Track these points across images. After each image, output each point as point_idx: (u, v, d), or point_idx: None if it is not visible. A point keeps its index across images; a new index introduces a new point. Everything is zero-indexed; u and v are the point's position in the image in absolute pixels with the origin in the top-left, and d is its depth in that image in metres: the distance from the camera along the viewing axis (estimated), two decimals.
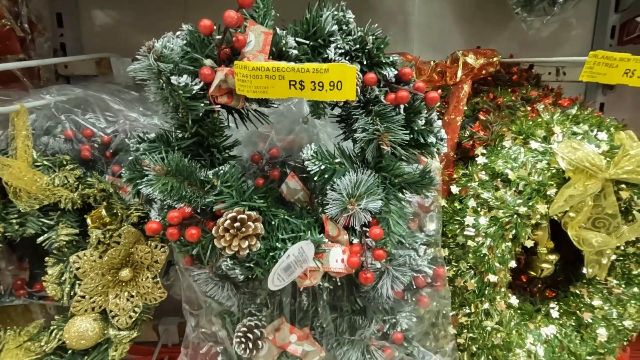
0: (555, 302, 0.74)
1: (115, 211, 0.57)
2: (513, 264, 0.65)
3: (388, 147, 0.45)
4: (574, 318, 0.71)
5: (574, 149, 0.54)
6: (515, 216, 0.55)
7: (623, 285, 0.70)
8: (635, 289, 0.69)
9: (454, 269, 0.58)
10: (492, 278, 0.56)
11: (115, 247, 0.56)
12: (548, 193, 0.55)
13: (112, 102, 0.66)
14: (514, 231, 0.55)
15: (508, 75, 0.84)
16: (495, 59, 0.79)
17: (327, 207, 0.45)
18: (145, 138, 0.48)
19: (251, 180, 0.55)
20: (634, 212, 0.62)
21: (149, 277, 0.57)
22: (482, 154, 0.59)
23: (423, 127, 0.48)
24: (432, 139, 0.48)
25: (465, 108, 0.69)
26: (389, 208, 0.47)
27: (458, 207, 0.58)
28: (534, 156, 0.57)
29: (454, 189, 0.59)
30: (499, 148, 0.59)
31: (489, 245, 0.55)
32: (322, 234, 0.46)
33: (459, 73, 0.79)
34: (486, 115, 0.64)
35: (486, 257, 0.56)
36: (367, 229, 0.46)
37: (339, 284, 0.54)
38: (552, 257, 0.68)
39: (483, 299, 0.57)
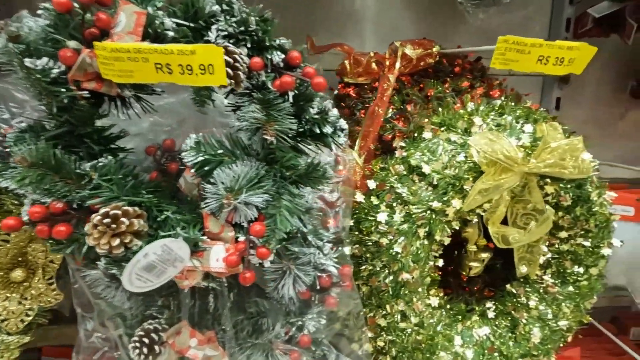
0: (492, 302, 0.71)
1: (5, 208, 0.54)
2: (440, 262, 0.62)
3: (271, 137, 0.41)
4: (509, 319, 0.69)
5: (491, 141, 0.51)
6: (428, 212, 0.52)
7: (559, 284, 0.67)
8: (571, 288, 0.67)
9: (370, 267, 0.55)
10: (406, 277, 0.53)
11: (4, 245, 0.53)
12: (465, 187, 0.52)
13: (17, 91, 0.62)
14: (427, 228, 0.52)
15: (451, 67, 0.81)
16: (434, 49, 0.76)
17: (205, 202, 0.41)
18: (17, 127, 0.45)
19: (147, 174, 0.52)
20: (560, 206, 0.60)
21: (42, 279, 0.54)
22: (401, 147, 0.56)
23: (316, 117, 0.44)
24: (328, 129, 0.45)
25: (395, 99, 0.66)
26: (280, 203, 0.44)
27: (374, 203, 0.55)
28: (452, 149, 0.54)
29: (371, 184, 0.56)
30: (418, 140, 0.56)
31: (402, 242, 0.52)
32: (201, 231, 0.43)
33: (397, 65, 0.76)
34: (411, 107, 0.61)
35: (399, 256, 0.52)
36: None
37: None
38: (484, 255, 0.65)
39: (398, 299, 0.54)
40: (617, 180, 1.08)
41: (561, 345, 0.70)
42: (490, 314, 0.69)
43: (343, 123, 0.47)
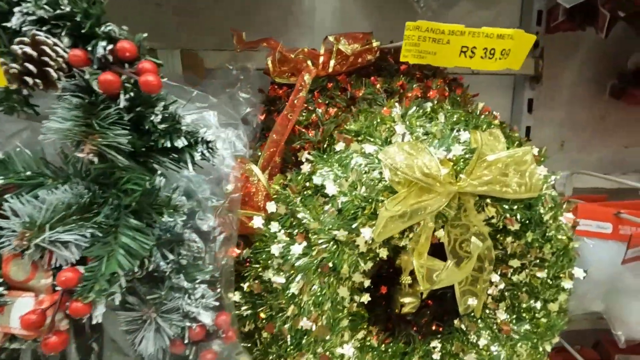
0: (439, 340, 0.60)
1: None
2: (366, 298, 0.52)
3: (86, 154, 0.31)
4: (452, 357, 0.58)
5: (408, 154, 0.41)
6: (332, 243, 0.42)
7: (513, 321, 0.56)
8: (527, 326, 0.56)
9: (267, 311, 0.44)
10: (306, 324, 0.42)
11: None
12: (379, 212, 0.42)
13: None
14: (330, 263, 0.42)
15: (397, 64, 0.71)
16: (374, 44, 0.66)
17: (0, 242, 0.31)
18: None
19: None
20: (508, 230, 0.49)
21: None
22: (308, 161, 0.46)
23: (162, 126, 0.34)
24: (180, 143, 0.35)
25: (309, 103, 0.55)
26: (115, 240, 0.34)
27: (272, 231, 0.44)
28: (367, 163, 0.43)
29: (271, 206, 0.46)
30: (329, 153, 0.46)
31: (299, 282, 0.42)
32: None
33: (332, 62, 0.66)
34: (322, 111, 0.50)
35: (296, 298, 0.42)
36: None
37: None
38: (421, 287, 0.54)
39: (301, 350, 0.44)
40: (598, 190, 0.97)
41: None
42: (435, 356, 0.59)
43: (208, 134, 0.37)
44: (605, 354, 0.98)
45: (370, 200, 0.42)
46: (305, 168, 0.46)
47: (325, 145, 0.47)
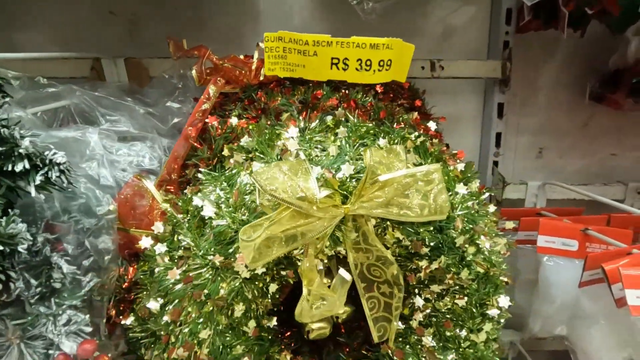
0: None
1: None
2: (272, 322, 0.49)
3: None
4: None
5: (285, 175, 0.38)
6: (207, 268, 0.39)
7: (440, 350, 0.52)
8: (453, 356, 0.52)
9: (150, 338, 0.42)
10: (180, 354, 0.40)
11: None
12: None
13: None
14: (205, 291, 0.39)
15: None
16: None
17: None
18: None
19: None
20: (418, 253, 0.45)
21: None
22: (195, 179, 0.44)
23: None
24: (21, 166, 0.33)
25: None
26: None
27: (156, 253, 0.42)
28: (251, 184, 0.41)
29: (158, 227, 0.43)
30: (219, 171, 0.43)
31: (172, 309, 0.39)
32: None
33: (263, 70, 0.63)
34: (212, 123, 0.48)
35: (170, 327, 0.40)
36: None
37: None
38: (318, 325, 0.50)
39: None
40: (576, 202, 0.90)
41: None
42: None
43: (57, 156, 0.35)
44: None
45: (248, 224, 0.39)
46: (190, 189, 0.43)
47: (215, 162, 0.45)
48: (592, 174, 0.95)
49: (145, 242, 0.44)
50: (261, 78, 0.64)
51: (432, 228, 0.44)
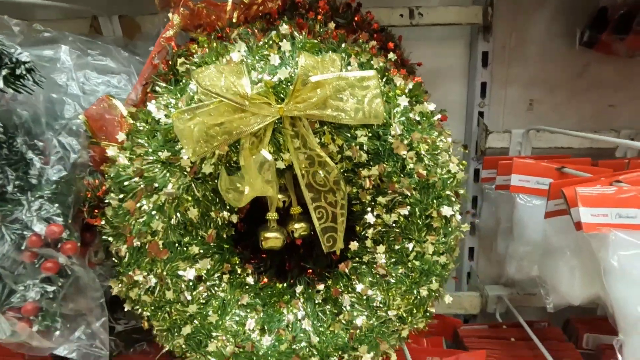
0: (324, 285, 0.60)
1: None
2: (230, 231, 0.53)
3: None
4: (335, 305, 0.57)
5: (223, 75, 0.41)
6: (157, 164, 0.44)
7: (391, 265, 0.54)
8: (401, 270, 0.53)
9: (113, 236, 0.48)
10: (136, 242, 0.45)
11: None
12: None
13: None
14: (155, 184, 0.44)
15: (308, 11, 0.70)
16: None
17: None
18: None
19: None
20: (359, 163, 0.47)
21: None
22: (154, 92, 0.48)
23: None
24: None
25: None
26: None
27: (117, 158, 0.47)
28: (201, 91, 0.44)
29: (121, 136, 0.48)
30: (174, 86, 0.48)
31: (128, 201, 0.44)
32: None
33: (235, 13, 0.67)
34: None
35: (128, 218, 0.45)
36: None
37: None
38: (272, 234, 0.54)
39: (137, 269, 0.46)
40: (580, 153, 0.87)
41: (403, 339, 0.57)
42: (318, 299, 0.58)
43: (22, 55, 0.40)
44: (574, 333, 0.89)
45: None
46: (150, 99, 0.48)
47: (172, 78, 0.49)
48: (589, 127, 0.92)
49: (110, 151, 0.49)
50: (234, 21, 0.68)
51: (370, 134, 0.46)
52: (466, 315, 0.97)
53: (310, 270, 0.66)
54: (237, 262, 0.57)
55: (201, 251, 0.51)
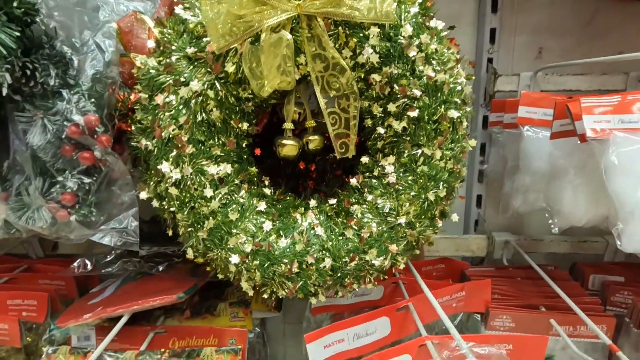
0: (336, 199, 0.63)
1: None
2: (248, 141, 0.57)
3: None
4: (345, 214, 0.60)
5: None
6: (184, 59, 0.47)
7: (400, 173, 0.57)
8: (410, 177, 0.56)
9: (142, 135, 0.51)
10: (164, 135, 0.49)
11: None
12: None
13: None
14: (182, 78, 0.48)
15: None
16: None
17: None
18: None
19: None
20: (373, 68, 0.50)
21: None
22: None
23: None
24: None
25: None
26: None
27: (147, 62, 0.51)
28: None
29: (150, 43, 0.52)
30: None
31: (157, 94, 0.48)
32: None
33: None
34: None
35: (156, 111, 0.48)
36: None
37: None
38: (288, 142, 0.57)
39: (164, 161, 0.50)
40: (572, 92, 0.88)
41: (412, 248, 0.60)
42: (331, 211, 0.61)
43: None
44: (580, 275, 0.91)
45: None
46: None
47: None
48: (595, 71, 0.93)
49: (139, 60, 0.53)
50: None
51: (381, 35, 0.49)
52: (473, 259, 1.00)
53: (323, 194, 0.69)
54: (255, 173, 0.60)
55: (222, 154, 0.54)
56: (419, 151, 0.55)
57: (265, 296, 0.60)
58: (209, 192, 0.53)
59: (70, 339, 0.76)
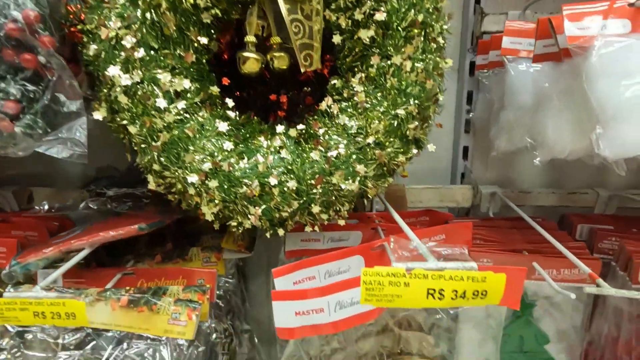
0: (305, 125, 0.60)
1: None
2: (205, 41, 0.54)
3: None
4: (314, 139, 0.57)
5: None
6: None
7: (370, 90, 0.54)
8: (379, 94, 0.53)
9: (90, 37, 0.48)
10: (113, 34, 0.45)
11: None
12: None
13: None
14: None
15: None
16: None
17: None
18: None
19: None
20: None
21: None
22: None
23: None
24: None
25: None
26: None
27: None
28: None
29: None
30: None
31: None
32: None
33: None
34: None
35: (102, 10, 0.45)
36: None
37: None
38: (250, 54, 0.53)
39: (112, 64, 0.47)
40: None
41: (385, 175, 0.57)
42: (293, 133, 0.58)
43: None
44: (569, 225, 0.88)
45: None
46: None
47: None
48: None
49: None
50: None
51: None
52: (460, 211, 0.96)
53: (294, 124, 0.66)
54: (218, 94, 0.57)
55: (179, 67, 0.51)
56: (388, 62, 0.51)
57: (233, 229, 0.57)
58: (162, 103, 0.49)
59: (36, 280, 0.74)
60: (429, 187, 0.90)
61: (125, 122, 0.50)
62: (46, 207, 0.73)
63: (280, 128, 0.59)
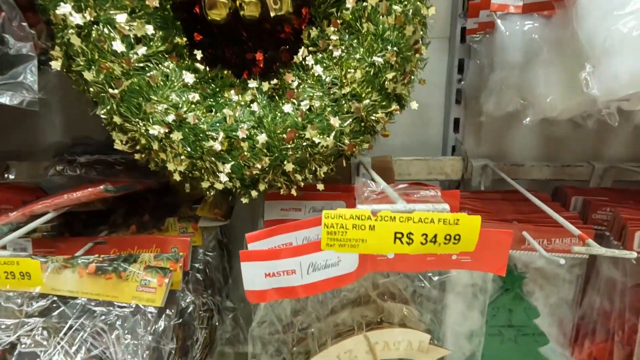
0: (277, 79, 0.56)
1: None
2: None
3: None
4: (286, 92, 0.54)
5: None
6: None
7: (346, 36, 0.50)
8: (355, 41, 0.49)
9: None
10: None
11: None
12: None
13: None
14: None
15: None
16: None
17: None
18: None
19: None
20: None
21: None
22: None
23: None
24: None
25: None
26: None
27: None
28: None
29: None
30: None
31: None
32: None
33: None
34: None
35: None
36: None
37: None
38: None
39: (63, 2, 0.43)
40: None
41: (363, 133, 0.53)
42: (265, 87, 0.55)
43: None
44: (563, 197, 0.84)
45: None
46: None
47: None
48: None
49: None
50: None
51: None
52: (450, 184, 0.93)
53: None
54: (184, 44, 0.54)
55: (140, 11, 0.47)
56: (364, 4, 0.48)
57: (206, 192, 0.54)
58: (120, 47, 0.46)
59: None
60: (417, 158, 0.86)
61: (80, 68, 0.47)
62: (12, 176, 0.69)
63: (253, 83, 0.56)
